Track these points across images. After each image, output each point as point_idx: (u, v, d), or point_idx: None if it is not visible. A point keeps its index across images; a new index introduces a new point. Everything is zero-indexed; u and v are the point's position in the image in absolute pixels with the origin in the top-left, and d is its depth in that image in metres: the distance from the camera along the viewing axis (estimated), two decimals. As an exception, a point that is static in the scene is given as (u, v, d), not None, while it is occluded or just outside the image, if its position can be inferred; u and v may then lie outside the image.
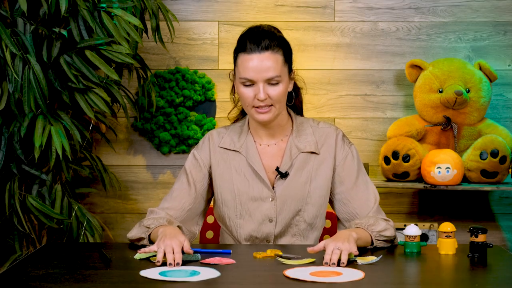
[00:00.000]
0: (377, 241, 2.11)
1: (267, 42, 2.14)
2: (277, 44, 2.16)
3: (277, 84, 2.14)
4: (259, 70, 2.12)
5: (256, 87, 2.13)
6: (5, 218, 2.85)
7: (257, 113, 2.15)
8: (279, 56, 2.15)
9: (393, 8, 3.41)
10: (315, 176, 2.22)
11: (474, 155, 3.11)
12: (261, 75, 2.12)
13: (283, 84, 2.15)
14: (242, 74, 2.14)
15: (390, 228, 2.13)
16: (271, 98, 2.14)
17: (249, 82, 2.13)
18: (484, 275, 1.85)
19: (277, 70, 2.13)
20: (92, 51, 2.79)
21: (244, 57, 2.14)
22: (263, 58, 2.12)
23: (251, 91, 2.14)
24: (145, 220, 2.16)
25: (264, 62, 2.12)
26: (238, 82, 2.17)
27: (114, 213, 3.45)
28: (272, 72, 2.12)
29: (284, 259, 1.94)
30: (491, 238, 3.35)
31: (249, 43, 2.14)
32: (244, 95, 2.15)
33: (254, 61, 2.12)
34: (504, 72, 3.39)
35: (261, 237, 2.22)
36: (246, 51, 2.14)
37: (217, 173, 2.26)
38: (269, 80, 2.13)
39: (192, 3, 3.42)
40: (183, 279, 1.74)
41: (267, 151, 2.25)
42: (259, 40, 2.14)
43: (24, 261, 1.94)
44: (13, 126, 2.79)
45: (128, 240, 2.17)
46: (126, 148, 3.44)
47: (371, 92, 3.42)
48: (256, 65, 2.12)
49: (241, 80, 2.15)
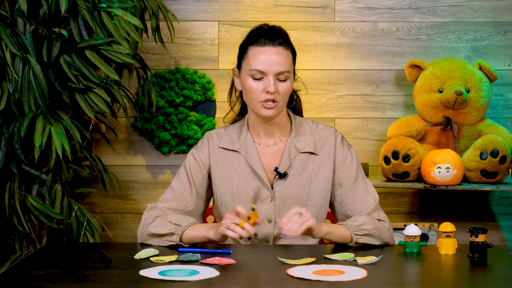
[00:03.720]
0: (356, 235, 2.10)
1: (281, 39, 2.17)
2: (288, 43, 2.20)
3: (285, 80, 2.16)
4: (271, 63, 2.14)
5: (266, 80, 2.14)
6: (5, 218, 2.85)
7: (264, 108, 2.16)
8: (289, 54, 2.19)
9: (393, 8, 3.41)
10: (314, 178, 2.22)
11: (474, 155, 3.11)
12: (273, 68, 2.14)
13: (290, 81, 2.18)
14: (253, 65, 2.15)
15: (370, 223, 2.12)
16: (279, 93, 2.15)
17: (259, 74, 2.14)
18: (484, 275, 1.85)
19: (288, 66, 2.16)
20: (92, 51, 2.79)
21: (256, 49, 2.16)
22: (276, 52, 2.15)
23: (261, 84, 2.15)
24: (169, 216, 2.15)
25: (277, 55, 2.15)
26: (246, 76, 2.17)
27: (114, 213, 3.45)
28: (284, 66, 2.15)
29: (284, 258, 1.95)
30: (491, 238, 3.35)
31: (263, 37, 2.17)
32: (253, 88, 2.15)
33: (267, 53, 2.15)
34: (504, 72, 3.39)
35: (260, 237, 2.22)
36: (259, 43, 2.16)
37: (216, 173, 2.26)
38: (279, 75, 2.14)
39: (192, 3, 3.42)
40: (183, 278, 1.74)
41: (266, 151, 2.25)
42: (273, 36, 2.17)
43: (24, 261, 1.94)
44: (13, 126, 2.79)
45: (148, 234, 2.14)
46: (126, 148, 3.44)
47: (371, 92, 3.42)
48: (269, 57, 2.14)
49: (251, 73, 2.15)
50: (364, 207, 2.20)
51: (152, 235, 2.13)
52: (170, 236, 2.10)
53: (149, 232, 2.13)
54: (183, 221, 2.12)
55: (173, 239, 2.09)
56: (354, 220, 2.15)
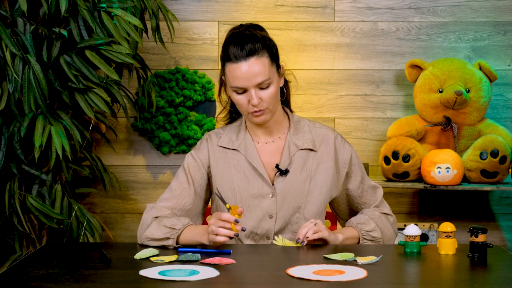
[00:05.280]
0: (363, 239, 2.22)
1: (250, 46, 2.14)
2: (261, 46, 2.15)
3: (267, 87, 2.16)
4: (248, 78, 2.14)
5: (249, 93, 2.16)
6: (5, 218, 2.85)
7: (254, 117, 2.20)
8: (265, 59, 2.15)
9: (393, 8, 3.41)
10: (314, 174, 2.25)
11: (474, 155, 3.11)
12: (251, 82, 2.14)
13: (274, 85, 2.18)
14: (232, 83, 2.16)
15: (377, 230, 2.24)
16: (264, 101, 2.16)
17: (240, 90, 2.16)
18: (484, 275, 1.85)
19: (266, 74, 2.15)
20: (92, 51, 2.79)
21: (231, 66, 2.15)
22: (250, 64, 2.13)
23: (244, 97, 2.17)
24: (164, 219, 2.16)
25: (251, 68, 2.13)
26: (230, 90, 2.20)
27: (114, 213, 3.45)
28: (261, 76, 2.14)
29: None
30: (491, 238, 3.35)
31: (234, 51, 2.14)
32: (239, 102, 2.18)
33: (242, 69, 2.13)
34: (504, 72, 3.39)
35: (261, 233, 2.23)
36: (232, 60, 2.14)
37: (216, 172, 2.27)
38: (260, 85, 2.15)
39: (192, 3, 3.42)
40: (183, 278, 1.74)
41: (266, 148, 2.27)
42: (242, 45, 2.14)
43: (24, 261, 1.94)
44: (13, 126, 2.79)
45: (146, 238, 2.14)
46: (126, 148, 3.44)
47: (371, 92, 3.42)
48: (245, 73, 2.13)
49: (233, 89, 2.18)
50: (373, 200, 2.32)
51: (149, 239, 2.14)
52: (166, 240, 2.12)
53: (146, 236, 2.15)
54: (177, 224, 2.12)
55: (169, 243, 2.11)
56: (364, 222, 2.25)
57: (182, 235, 2.11)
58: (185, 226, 2.12)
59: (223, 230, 1.99)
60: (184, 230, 2.11)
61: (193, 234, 2.10)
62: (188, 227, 2.12)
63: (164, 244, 2.11)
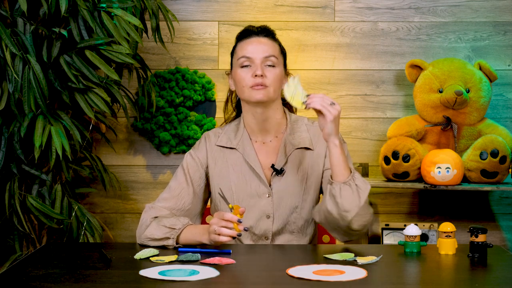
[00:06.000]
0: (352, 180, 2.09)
1: (266, 32, 2.27)
2: (275, 37, 2.29)
3: (273, 66, 2.21)
4: (257, 49, 2.21)
5: (254, 67, 2.20)
6: (5, 218, 2.85)
7: (254, 90, 2.19)
8: (276, 44, 2.27)
9: (393, 8, 3.41)
10: (311, 173, 2.25)
11: (474, 155, 3.11)
12: (259, 53, 2.21)
13: (279, 68, 2.22)
14: (240, 54, 2.23)
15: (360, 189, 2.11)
16: (267, 78, 2.19)
17: (247, 61, 2.20)
18: (484, 275, 1.85)
19: (275, 52, 2.23)
20: (92, 51, 2.79)
21: (243, 41, 2.25)
22: (261, 39, 2.24)
23: (249, 70, 2.20)
24: (164, 219, 2.16)
25: (261, 43, 2.23)
26: (236, 69, 2.23)
27: (114, 213, 3.45)
28: (270, 51, 2.22)
29: None
30: (491, 238, 3.35)
31: (249, 31, 2.26)
32: (242, 76, 2.21)
33: (253, 42, 2.24)
34: (504, 72, 3.39)
35: (259, 233, 2.23)
36: (246, 37, 2.26)
37: (214, 171, 2.27)
38: (266, 60, 2.20)
39: (192, 3, 3.42)
40: (183, 278, 1.74)
41: (263, 148, 2.27)
42: (258, 29, 2.27)
43: (24, 261, 1.94)
44: (13, 126, 2.79)
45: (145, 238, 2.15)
46: (126, 148, 3.44)
47: (371, 92, 3.42)
48: (255, 45, 2.23)
49: (239, 62, 2.22)
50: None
51: (149, 239, 2.14)
52: (166, 240, 2.12)
53: (146, 236, 2.15)
54: (177, 223, 2.12)
55: (169, 243, 2.11)
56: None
57: (182, 234, 2.11)
58: (185, 225, 2.12)
59: (226, 230, 1.98)
60: (184, 230, 2.11)
61: (193, 234, 2.10)
62: (188, 227, 2.12)
63: (164, 244, 2.11)
